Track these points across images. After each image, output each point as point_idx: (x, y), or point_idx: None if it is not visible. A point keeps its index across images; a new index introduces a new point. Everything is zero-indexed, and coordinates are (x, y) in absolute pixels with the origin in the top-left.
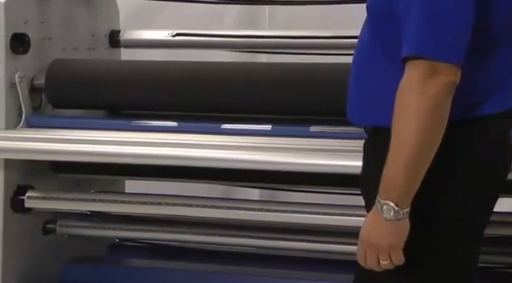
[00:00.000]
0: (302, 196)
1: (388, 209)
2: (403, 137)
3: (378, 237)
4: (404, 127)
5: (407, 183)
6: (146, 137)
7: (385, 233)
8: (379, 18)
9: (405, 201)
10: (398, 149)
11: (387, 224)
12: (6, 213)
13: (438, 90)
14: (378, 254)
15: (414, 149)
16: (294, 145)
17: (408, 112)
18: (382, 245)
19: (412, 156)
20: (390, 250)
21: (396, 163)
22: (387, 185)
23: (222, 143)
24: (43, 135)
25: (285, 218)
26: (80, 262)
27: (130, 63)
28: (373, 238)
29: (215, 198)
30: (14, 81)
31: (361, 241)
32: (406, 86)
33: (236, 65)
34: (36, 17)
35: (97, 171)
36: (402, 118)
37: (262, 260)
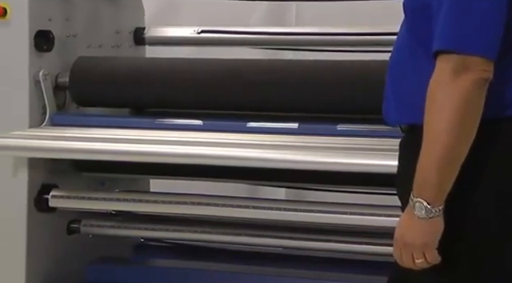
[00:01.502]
0: (328, 195)
1: (420, 206)
2: (435, 133)
3: (411, 235)
4: (435, 123)
5: (439, 180)
6: (170, 136)
7: (418, 231)
8: (415, 15)
9: (437, 198)
10: (430, 145)
11: (420, 222)
12: (30, 213)
13: (468, 85)
14: (413, 253)
15: (446, 146)
16: (321, 143)
17: (439, 107)
18: (416, 243)
19: (444, 152)
20: (424, 249)
21: (428, 159)
22: (419, 182)
23: (247, 142)
24: (67, 134)
25: (311, 218)
26: (105, 262)
27: (154, 61)
28: (406, 237)
29: (241, 198)
30: (38, 79)
31: (395, 240)
32: (436, 81)
33: (262, 63)
34: (60, 14)
35: (121, 170)
36: (434, 114)
37: (287, 260)
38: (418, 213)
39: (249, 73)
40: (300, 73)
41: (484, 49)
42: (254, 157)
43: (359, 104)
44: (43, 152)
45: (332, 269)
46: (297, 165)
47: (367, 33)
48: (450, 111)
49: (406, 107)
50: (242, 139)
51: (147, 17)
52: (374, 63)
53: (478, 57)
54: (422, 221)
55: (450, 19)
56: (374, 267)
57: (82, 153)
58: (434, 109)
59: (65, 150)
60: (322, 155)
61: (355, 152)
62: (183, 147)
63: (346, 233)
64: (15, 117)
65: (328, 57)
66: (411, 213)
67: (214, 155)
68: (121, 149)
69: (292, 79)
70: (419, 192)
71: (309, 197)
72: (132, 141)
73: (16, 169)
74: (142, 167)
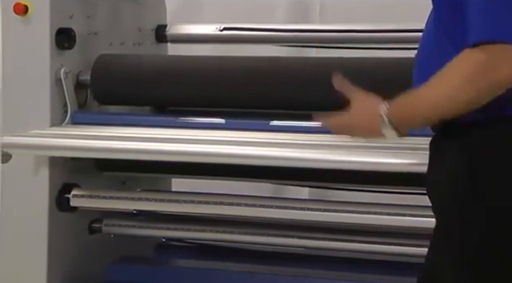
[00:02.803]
0: (352, 195)
1: (391, 134)
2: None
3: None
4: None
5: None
6: (192, 135)
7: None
8: (444, 7)
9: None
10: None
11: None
12: (52, 212)
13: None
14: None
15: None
16: (346, 142)
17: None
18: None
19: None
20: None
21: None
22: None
23: (270, 140)
24: (88, 132)
25: (335, 218)
26: (126, 262)
27: (176, 58)
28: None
29: (263, 197)
30: (59, 77)
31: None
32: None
33: (285, 61)
34: (81, 11)
35: (143, 169)
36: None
37: (310, 261)
38: (387, 134)
39: (271, 70)
40: (323, 70)
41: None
42: (277, 156)
43: None
44: (64, 151)
45: (356, 270)
46: (320, 164)
47: (393, 30)
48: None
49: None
50: (265, 138)
51: (169, 15)
52: (400, 60)
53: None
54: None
55: (484, 9)
56: (398, 268)
57: (103, 152)
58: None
59: (86, 149)
60: (346, 154)
61: (380, 151)
62: (205, 146)
63: (370, 234)
64: (36, 115)
65: (352, 54)
66: (379, 122)
67: (236, 154)
68: (142, 147)
69: (315, 77)
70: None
71: (332, 197)
72: (154, 140)
73: (37, 168)
74: (163, 166)
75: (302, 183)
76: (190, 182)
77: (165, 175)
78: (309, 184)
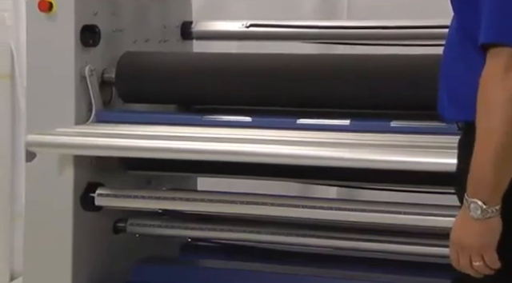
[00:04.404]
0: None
1: (475, 207)
2: (488, 131)
3: (468, 237)
4: (488, 120)
5: (494, 179)
6: (218, 133)
7: (475, 232)
8: (463, 10)
9: (493, 198)
10: (484, 143)
11: (476, 223)
12: (76, 212)
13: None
14: (471, 256)
15: (500, 143)
16: (374, 141)
17: (491, 104)
18: (473, 245)
19: (498, 150)
20: (482, 251)
21: (482, 158)
22: (474, 182)
23: (297, 139)
24: (113, 131)
25: (363, 218)
26: (151, 262)
27: (202, 56)
28: (463, 239)
29: (291, 197)
30: (84, 75)
31: (451, 243)
32: (488, 77)
33: (312, 58)
34: (106, 8)
35: (168, 168)
36: (486, 111)
37: (338, 261)
38: (474, 213)
39: (299, 68)
40: (352, 68)
41: None
42: (305, 154)
43: (413, 100)
44: (89, 149)
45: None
46: (348, 163)
47: (422, 27)
48: (503, 108)
49: (460, 104)
50: (292, 136)
51: (195, 11)
52: (429, 57)
53: None
54: (479, 222)
55: (497, 9)
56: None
57: (128, 151)
58: (485, 105)
59: (111, 148)
60: (374, 153)
61: (409, 149)
62: (231, 144)
63: (398, 234)
64: (61, 113)
65: (381, 51)
66: (466, 214)
67: (262, 153)
68: (168, 146)
69: (343, 74)
70: (474, 192)
71: (361, 196)
72: (179, 139)
73: (62, 167)
74: (189, 165)
75: (329, 182)
76: (215, 181)
77: (190, 174)
78: (337, 183)
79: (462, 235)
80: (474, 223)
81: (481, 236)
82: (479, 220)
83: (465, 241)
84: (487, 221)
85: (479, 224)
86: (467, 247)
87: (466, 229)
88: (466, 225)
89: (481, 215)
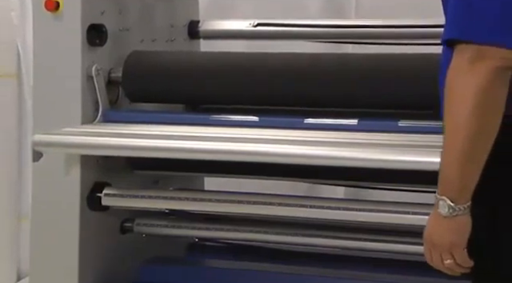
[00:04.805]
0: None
1: (443, 205)
2: (454, 127)
3: (438, 235)
4: (454, 116)
5: (461, 177)
6: (225, 133)
7: (444, 230)
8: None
9: (460, 196)
10: (450, 139)
11: (445, 221)
12: (83, 211)
13: (486, 75)
14: (441, 253)
15: (466, 141)
16: (382, 140)
17: (457, 99)
18: (443, 243)
19: (464, 147)
20: (452, 249)
21: (448, 155)
22: (442, 179)
23: (305, 138)
24: (120, 130)
25: (371, 218)
26: (158, 262)
27: (209, 55)
28: (433, 236)
29: (298, 196)
30: (90, 75)
31: (424, 239)
32: (453, 73)
33: (320, 57)
34: (113, 7)
35: (175, 168)
36: (451, 106)
37: (345, 261)
38: (442, 211)
39: (307, 67)
40: (360, 67)
41: (500, 36)
42: (312, 154)
43: (421, 99)
44: (96, 149)
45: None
46: (356, 162)
47: (431, 26)
48: (468, 103)
49: None
50: (300, 136)
51: (201, 10)
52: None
53: (495, 45)
54: (447, 219)
55: (460, 7)
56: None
57: (135, 151)
58: (451, 101)
59: (118, 147)
60: (382, 152)
61: (417, 149)
62: (239, 144)
63: (407, 234)
64: (67, 113)
65: (390, 50)
66: (436, 211)
67: (270, 152)
68: (175, 146)
69: (351, 74)
70: (442, 189)
71: (369, 196)
72: (186, 138)
73: (68, 166)
74: (196, 165)
75: (337, 182)
76: (222, 181)
77: (197, 174)
78: (344, 183)
79: (433, 232)
80: (443, 221)
81: (450, 234)
82: (448, 218)
83: (435, 239)
84: (455, 219)
85: (448, 222)
86: (437, 245)
87: (436, 226)
88: (436, 223)
89: (448, 213)
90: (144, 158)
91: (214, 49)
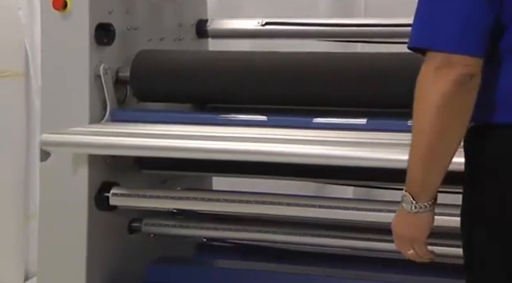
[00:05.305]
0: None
1: (407, 201)
2: (419, 131)
3: (400, 227)
4: (419, 120)
5: (423, 177)
6: (234, 132)
7: (406, 224)
8: None
9: (423, 195)
10: (416, 141)
11: (408, 215)
12: (91, 211)
13: (450, 82)
14: (403, 244)
15: (428, 145)
16: (391, 139)
17: (423, 105)
18: (404, 235)
19: (426, 151)
20: (412, 242)
21: (413, 156)
22: (408, 177)
23: (314, 138)
24: (128, 130)
25: (380, 218)
26: (166, 262)
27: (217, 54)
28: (396, 228)
29: (307, 196)
30: (98, 74)
31: (392, 227)
32: (421, 79)
33: (329, 56)
34: (121, 6)
35: (183, 167)
36: (419, 111)
37: (355, 261)
38: (406, 206)
39: (315, 66)
40: (369, 66)
41: (464, 45)
42: (321, 154)
43: None
44: (104, 149)
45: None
46: (366, 162)
47: None
48: (432, 109)
49: None
50: (308, 135)
51: (210, 9)
52: None
53: (458, 54)
54: (410, 215)
55: (424, 15)
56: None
57: (143, 150)
58: (418, 104)
59: (126, 147)
60: (391, 152)
61: None
62: (247, 144)
63: None
64: (75, 112)
65: (398, 49)
66: (401, 206)
67: (278, 152)
68: (183, 145)
69: (360, 73)
70: (407, 186)
71: (378, 196)
72: (194, 138)
73: (76, 166)
74: (204, 164)
75: (346, 182)
76: (231, 181)
77: (205, 174)
78: (353, 183)
79: (397, 224)
80: (407, 215)
81: (411, 228)
82: (410, 213)
83: (397, 230)
84: (417, 215)
85: (410, 217)
86: (400, 236)
87: (400, 219)
88: (400, 216)
89: (410, 209)
90: (152, 158)
91: (223, 49)
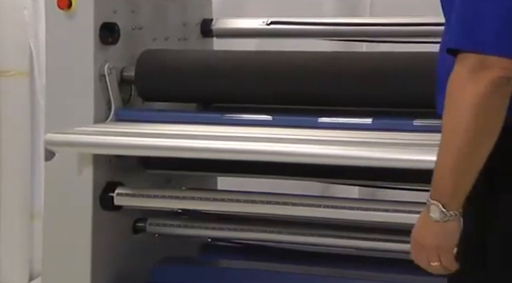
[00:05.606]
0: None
1: (435, 209)
2: (450, 135)
3: (426, 237)
4: (451, 123)
5: (454, 184)
6: (239, 132)
7: (433, 233)
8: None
9: (453, 202)
10: (446, 147)
11: (435, 225)
12: (95, 211)
13: (486, 84)
14: (427, 255)
15: (461, 149)
16: (397, 139)
17: (456, 109)
18: (431, 245)
19: (458, 156)
20: (439, 252)
21: (443, 162)
22: (435, 184)
23: (319, 138)
24: (133, 129)
25: (386, 218)
26: (171, 262)
27: (222, 54)
28: (422, 237)
29: (312, 196)
30: (103, 73)
31: (412, 237)
32: (454, 82)
33: (334, 55)
34: (126, 6)
35: (188, 167)
36: (451, 115)
37: (360, 262)
38: (433, 215)
39: (320, 66)
40: (374, 65)
41: (501, 47)
42: (326, 153)
43: None
44: (108, 148)
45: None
46: (371, 162)
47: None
48: (467, 112)
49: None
50: (313, 135)
51: (214, 8)
52: None
53: (496, 55)
54: (438, 224)
55: (463, 16)
56: None
57: (148, 150)
58: (450, 108)
59: (130, 147)
60: (397, 152)
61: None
62: (252, 143)
63: None
64: (80, 112)
65: (403, 48)
66: (426, 214)
67: (283, 152)
68: (188, 145)
69: (366, 72)
70: (435, 194)
71: (383, 196)
72: (199, 137)
73: (80, 166)
74: (209, 164)
75: (351, 182)
76: (236, 181)
77: (210, 173)
78: (359, 183)
79: (422, 234)
80: (433, 224)
81: (438, 237)
82: (438, 222)
83: (423, 240)
84: (446, 224)
85: (438, 226)
86: (425, 247)
87: (426, 228)
88: (425, 225)
89: (439, 217)
90: (157, 158)
91: (227, 48)
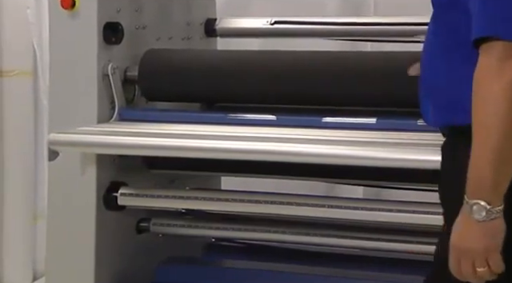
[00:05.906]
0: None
1: (479, 208)
2: (485, 129)
3: (471, 241)
4: (485, 118)
5: (496, 177)
6: (243, 132)
7: (478, 235)
8: (444, 9)
9: (496, 197)
10: (482, 142)
11: (479, 226)
12: (99, 211)
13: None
14: (474, 261)
15: (499, 141)
16: (401, 139)
17: (487, 101)
18: (478, 249)
19: (497, 148)
20: (487, 254)
21: (481, 158)
22: (475, 183)
23: (323, 137)
24: (136, 129)
25: (390, 218)
26: (175, 262)
27: (226, 53)
28: (466, 242)
29: (316, 196)
30: (106, 73)
31: (452, 248)
32: (481, 73)
33: (338, 55)
34: (129, 5)
35: (192, 167)
36: (482, 109)
37: (364, 261)
38: (478, 216)
39: (324, 65)
40: (378, 65)
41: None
42: (330, 153)
43: None
44: (112, 148)
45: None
46: (375, 162)
47: None
48: (498, 104)
49: (440, 108)
50: (318, 135)
51: (218, 8)
52: None
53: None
54: (482, 224)
55: (488, 4)
56: None
57: (151, 150)
58: (481, 103)
59: (134, 146)
60: (401, 152)
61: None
62: (256, 143)
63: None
64: (83, 112)
65: (408, 48)
66: (468, 217)
67: (287, 152)
68: (191, 145)
69: (370, 72)
70: (475, 192)
71: (388, 196)
72: (203, 137)
73: (84, 166)
74: (212, 164)
75: (355, 182)
76: (239, 181)
77: (214, 173)
78: (363, 182)
79: (466, 239)
80: (477, 226)
81: (485, 238)
82: (483, 222)
83: (468, 246)
84: (491, 222)
85: (482, 226)
86: (470, 251)
87: (470, 232)
88: (468, 229)
89: (485, 216)
90: (160, 157)
91: (231, 48)
